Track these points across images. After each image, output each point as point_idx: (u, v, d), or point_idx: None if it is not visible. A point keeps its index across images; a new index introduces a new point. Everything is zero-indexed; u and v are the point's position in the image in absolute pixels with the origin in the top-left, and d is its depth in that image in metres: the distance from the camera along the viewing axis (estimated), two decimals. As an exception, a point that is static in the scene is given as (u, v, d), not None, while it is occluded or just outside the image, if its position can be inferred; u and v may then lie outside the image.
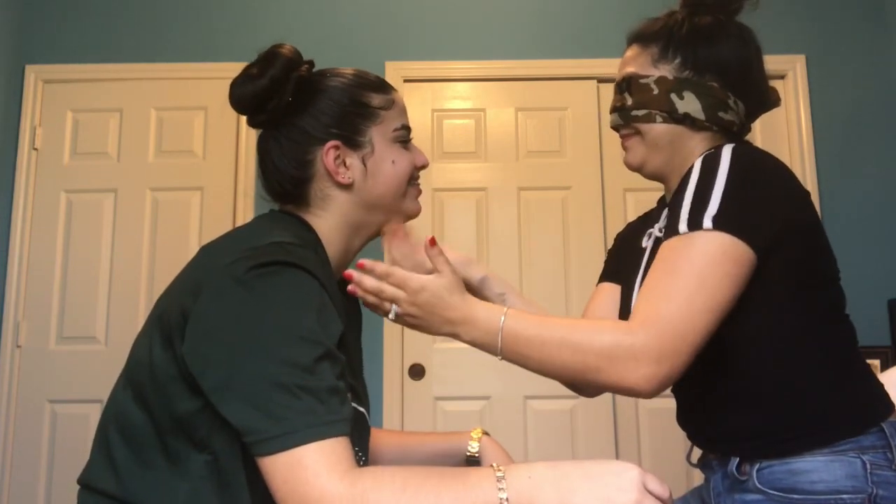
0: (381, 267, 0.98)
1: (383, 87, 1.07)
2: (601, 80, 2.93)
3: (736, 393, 1.00)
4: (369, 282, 0.98)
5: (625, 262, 1.22)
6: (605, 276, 1.29)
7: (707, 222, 0.92)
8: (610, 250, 1.33)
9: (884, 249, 2.79)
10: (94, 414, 2.69)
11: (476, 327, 0.97)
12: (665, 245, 0.96)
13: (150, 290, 2.78)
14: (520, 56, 2.95)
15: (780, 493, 0.93)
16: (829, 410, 0.94)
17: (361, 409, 1.01)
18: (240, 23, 2.96)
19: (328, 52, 2.86)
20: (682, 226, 0.94)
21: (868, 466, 0.91)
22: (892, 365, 2.57)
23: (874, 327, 2.67)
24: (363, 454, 1.00)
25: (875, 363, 2.61)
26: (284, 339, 0.81)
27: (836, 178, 2.81)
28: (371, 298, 0.99)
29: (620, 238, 1.32)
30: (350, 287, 1.00)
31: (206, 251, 0.94)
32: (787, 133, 2.87)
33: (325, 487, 0.75)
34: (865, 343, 2.85)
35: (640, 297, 0.94)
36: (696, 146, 1.10)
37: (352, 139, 1.02)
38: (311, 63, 1.06)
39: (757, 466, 0.96)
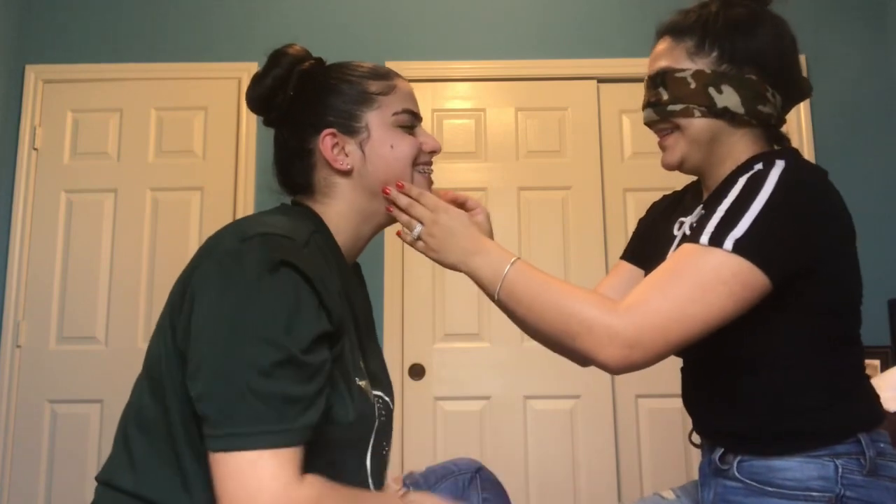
0: (415, 190, 1.05)
1: (385, 74, 1.07)
2: (601, 80, 2.93)
3: (735, 398, 1.05)
4: (403, 199, 1.05)
5: (651, 246, 1.22)
6: (626, 255, 1.31)
7: (728, 243, 0.93)
8: (634, 232, 1.33)
9: (884, 249, 2.79)
10: (94, 414, 2.69)
11: (486, 261, 1.04)
12: (683, 247, 0.98)
13: (150, 290, 2.78)
14: (520, 56, 2.95)
15: (757, 484, 1.00)
16: (813, 427, 0.99)
17: (385, 396, 1.01)
18: (240, 23, 2.96)
19: (328, 52, 2.84)
20: (705, 238, 0.95)
21: (840, 470, 0.97)
22: (892, 365, 2.57)
23: (874, 327, 2.67)
24: (387, 444, 1.01)
25: (875, 363, 2.61)
26: (249, 338, 0.80)
27: (835, 178, 2.77)
28: (403, 217, 1.06)
29: (646, 222, 1.32)
30: (386, 205, 1.05)
31: (208, 240, 0.95)
32: (786, 133, 2.86)
33: (258, 494, 0.77)
34: (865, 343, 2.85)
35: (640, 284, 0.98)
36: (736, 141, 1.09)
37: (347, 125, 1.03)
38: (318, 60, 1.08)
39: (738, 459, 1.03)
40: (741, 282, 0.93)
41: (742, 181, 1.00)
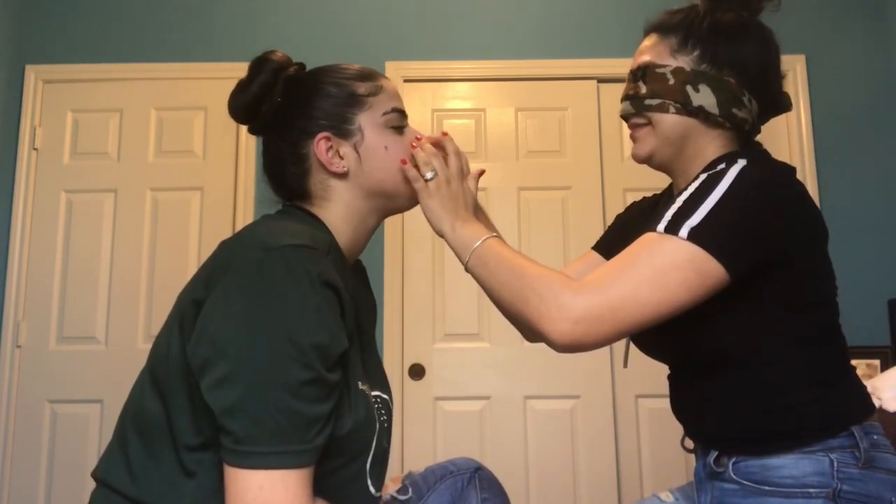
0: (451, 146, 1.12)
1: (370, 75, 1.07)
2: (601, 80, 2.93)
3: (722, 398, 1.05)
4: (430, 147, 1.09)
5: (623, 243, 1.23)
6: (598, 245, 1.33)
7: (683, 231, 0.94)
8: (611, 225, 1.36)
9: (884, 249, 2.79)
10: (93, 414, 2.69)
11: (465, 229, 1.07)
12: (642, 237, 1.00)
13: (150, 290, 2.78)
14: (520, 56, 2.95)
15: (753, 484, 1.00)
16: (804, 423, 0.99)
17: (383, 395, 1.02)
18: (240, 23, 2.96)
19: (328, 52, 2.86)
20: (661, 226, 0.97)
21: (835, 464, 0.96)
22: (892, 365, 2.57)
23: (874, 327, 2.67)
24: (387, 444, 1.02)
25: (875, 363, 2.61)
26: (280, 356, 0.80)
27: (835, 178, 2.81)
28: (421, 155, 1.07)
29: (623, 219, 1.34)
30: (417, 140, 1.09)
31: (224, 246, 0.94)
32: (787, 133, 2.87)
33: None
34: (865, 343, 2.86)
35: (598, 268, 0.99)
36: (708, 142, 1.10)
37: (340, 128, 1.03)
38: (300, 65, 1.08)
39: (733, 460, 1.03)
40: (695, 269, 0.93)
41: (703, 177, 1.02)
